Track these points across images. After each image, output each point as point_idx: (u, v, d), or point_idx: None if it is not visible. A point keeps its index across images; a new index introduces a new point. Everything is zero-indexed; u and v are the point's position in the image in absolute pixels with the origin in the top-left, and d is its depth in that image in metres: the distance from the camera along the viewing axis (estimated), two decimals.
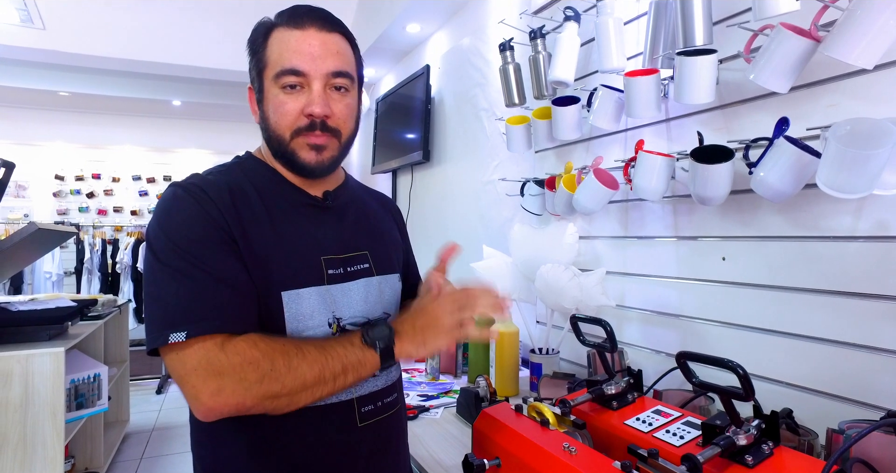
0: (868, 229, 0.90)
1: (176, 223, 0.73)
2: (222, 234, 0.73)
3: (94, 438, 2.70)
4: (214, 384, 0.65)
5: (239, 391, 0.65)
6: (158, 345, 0.67)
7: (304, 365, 0.68)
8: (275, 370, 0.66)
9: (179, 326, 0.66)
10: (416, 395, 1.50)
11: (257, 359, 0.66)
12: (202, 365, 0.66)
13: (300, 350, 0.70)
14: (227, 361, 0.65)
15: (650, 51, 1.21)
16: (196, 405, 0.66)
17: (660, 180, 1.17)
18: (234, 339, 0.68)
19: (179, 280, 0.69)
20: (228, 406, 0.66)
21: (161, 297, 0.70)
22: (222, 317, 0.69)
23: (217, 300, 0.69)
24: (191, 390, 0.66)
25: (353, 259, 0.85)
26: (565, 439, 0.80)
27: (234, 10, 3.30)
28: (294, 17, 0.79)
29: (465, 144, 2.42)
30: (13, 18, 3.08)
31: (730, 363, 0.70)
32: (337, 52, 0.80)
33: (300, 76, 0.77)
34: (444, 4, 2.44)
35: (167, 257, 0.71)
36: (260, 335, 0.70)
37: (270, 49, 0.79)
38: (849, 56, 0.81)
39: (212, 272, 0.70)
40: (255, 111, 0.85)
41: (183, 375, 0.66)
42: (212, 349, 0.66)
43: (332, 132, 0.81)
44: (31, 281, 4.90)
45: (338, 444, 0.80)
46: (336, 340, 0.74)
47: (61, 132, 5.56)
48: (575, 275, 1.39)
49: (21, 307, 2.00)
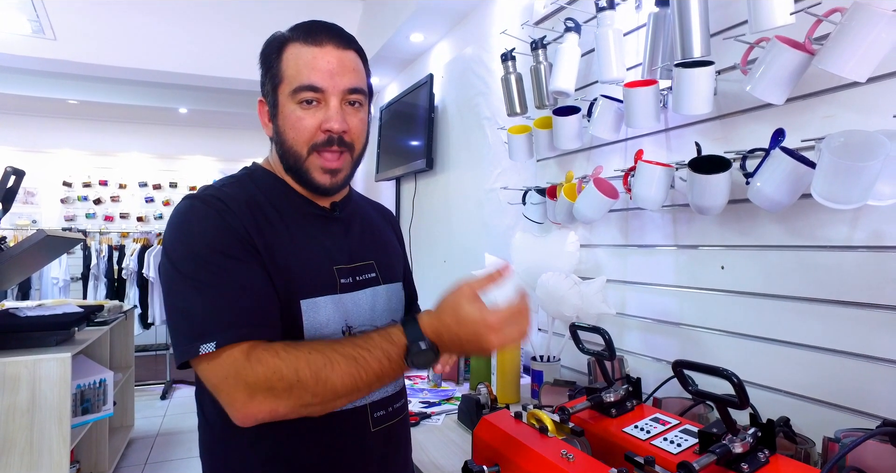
0: (864, 239, 0.91)
1: (195, 234, 0.73)
2: (244, 243, 0.74)
3: (99, 443, 2.72)
4: (246, 394, 0.66)
5: (270, 399, 0.66)
6: (190, 357, 0.68)
7: (333, 377, 0.67)
8: (301, 382, 0.66)
9: (208, 336, 0.67)
10: (417, 402, 1.51)
11: (281, 369, 0.66)
12: (232, 375, 0.66)
13: (330, 361, 0.67)
14: (252, 371, 0.66)
15: (649, 62, 1.23)
16: (232, 412, 0.67)
17: (659, 190, 1.19)
18: (258, 348, 0.68)
19: (203, 291, 0.70)
20: (262, 413, 0.66)
21: (186, 309, 0.70)
22: (249, 325, 0.69)
23: (242, 308, 0.70)
24: (226, 397, 0.67)
25: (362, 269, 0.87)
26: (563, 446, 0.81)
27: (240, 21, 3.35)
28: (311, 33, 0.80)
29: (468, 152, 2.44)
30: (26, 30, 3.13)
31: (724, 371, 0.71)
32: (353, 69, 0.82)
33: (318, 92, 0.79)
34: (447, 15, 2.47)
35: (189, 268, 0.71)
36: (285, 344, 0.69)
37: (286, 64, 0.80)
38: (842, 69, 0.83)
39: (235, 282, 0.71)
40: (266, 125, 0.86)
41: (217, 384, 0.67)
42: (239, 359, 0.66)
43: (348, 147, 0.82)
44: (39, 286, 4.94)
45: (351, 449, 0.81)
46: (372, 350, 0.70)
47: (69, 140, 5.63)
48: (575, 283, 1.40)
49: (29, 313, 2.02)
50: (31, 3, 2.99)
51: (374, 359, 0.69)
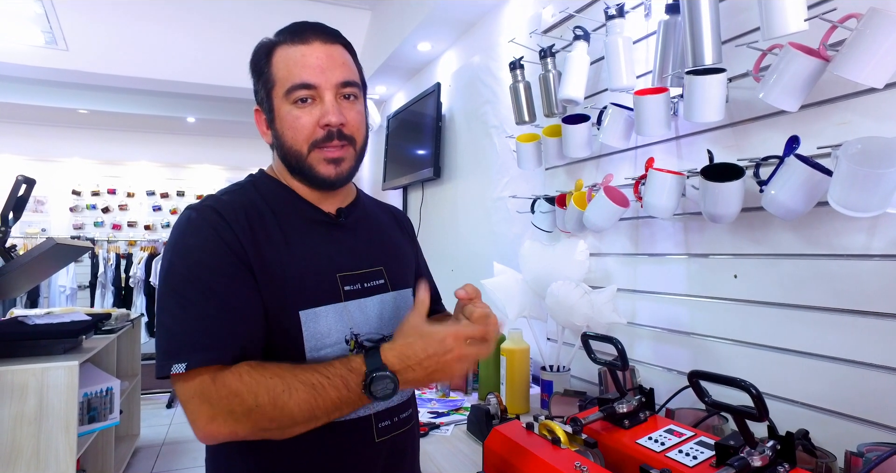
0: (883, 248, 0.89)
1: (189, 249, 0.74)
2: (235, 260, 0.74)
3: (106, 452, 2.71)
4: (208, 413, 0.67)
5: (230, 421, 0.67)
6: (164, 374, 0.69)
7: (291, 404, 0.67)
8: (259, 407, 0.66)
9: (181, 357, 0.68)
10: (426, 412, 1.50)
11: (241, 393, 0.67)
12: (198, 395, 0.68)
13: (289, 388, 0.67)
14: (216, 393, 0.67)
15: (659, 69, 1.23)
16: (195, 429, 0.68)
17: (670, 198, 1.17)
18: (224, 371, 0.69)
19: (187, 310, 0.71)
20: (222, 434, 0.68)
21: (168, 325, 0.71)
22: (219, 349, 0.70)
23: (217, 331, 0.70)
24: (190, 415, 0.68)
25: (370, 275, 0.86)
26: (577, 458, 0.79)
27: (247, 31, 3.37)
28: (296, 33, 0.81)
29: (476, 160, 2.43)
30: (39, 41, 3.18)
31: (742, 382, 0.69)
32: (343, 62, 0.82)
33: (311, 89, 0.79)
34: (454, 24, 2.48)
35: (178, 283, 0.72)
36: (249, 368, 0.69)
37: (276, 67, 0.80)
38: (859, 75, 0.82)
39: (219, 302, 0.71)
40: (264, 133, 0.85)
41: (184, 401, 0.69)
42: (206, 380, 0.68)
43: (348, 140, 0.82)
44: (48, 295, 4.97)
45: (355, 460, 0.80)
46: (331, 378, 0.69)
47: (79, 149, 5.68)
48: (585, 292, 1.38)
49: (38, 321, 2.03)
50: (44, 15, 3.03)
51: (333, 387, 0.68)
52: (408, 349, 0.70)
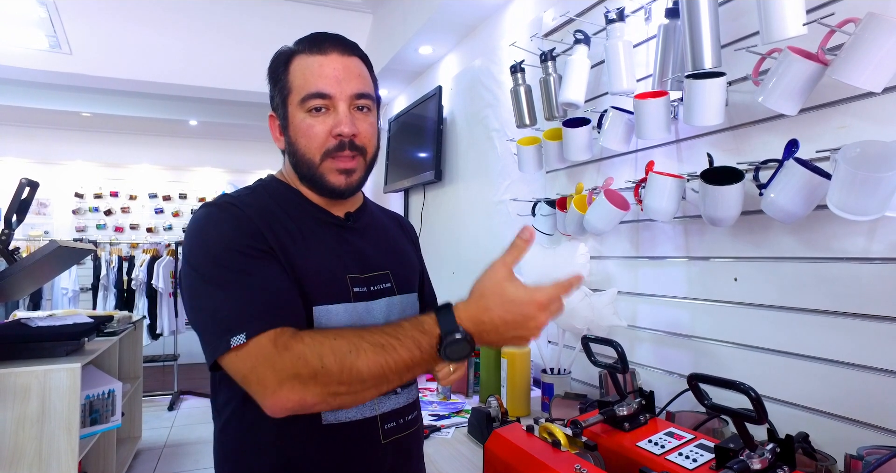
0: (882, 251, 0.90)
1: (213, 239, 0.74)
2: (262, 245, 0.75)
3: (107, 454, 2.71)
4: (275, 381, 0.65)
5: (297, 386, 0.64)
6: (223, 351, 0.67)
7: (359, 364, 0.65)
8: (325, 368, 0.64)
9: (237, 329, 0.67)
10: (427, 415, 1.50)
11: (305, 355, 0.65)
12: (260, 363, 0.65)
13: (356, 348, 0.65)
14: (279, 358, 0.65)
15: (659, 73, 1.23)
16: (262, 401, 0.66)
17: (670, 201, 1.18)
18: (285, 335, 0.67)
19: (227, 289, 0.71)
20: (291, 401, 0.65)
21: (212, 308, 0.70)
22: (275, 315, 0.69)
23: (266, 301, 0.70)
24: (255, 387, 0.66)
25: (376, 279, 0.86)
26: (577, 460, 0.80)
27: (249, 35, 3.39)
28: (315, 43, 0.82)
29: (477, 164, 2.44)
30: (43, 45, 3.20)
31: (742, 385, 0.70)
32: (359, 74, 0.83)
33: (326, 99, 0.80)
34: (456, 27, 2.49)
35: (209, 271, 0.72)
36: (312, 331, 0.69)
37: (294, 75, 0.82)
38: (857, 80, 0.82)
39: (256, 278, 0.72)
40: (277, 138, 0.87)
41: (246, 374, 0.66)
42: (266, 346, 0.66)
43: (360, 151, 0.83)
44: (50, 297, 4.98)
45: (361, 461, 0.80)
46: (402, 338, 0.67)
47: (82, 152, 5.71)
48: (586, 295, 1.39)
49: (40, 323, 2.03)
50: (48, 19, 3.05)
51: (404, 348, 0.66)
52: (484, 314, 0.66)
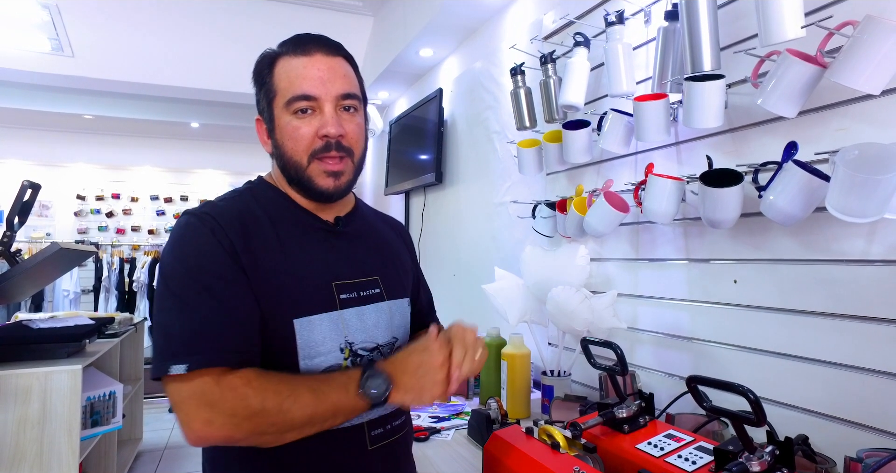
0: (881, 253, 0.90)
1: (187, 253, 0.74)
2: (233, 264, 0.74)
3: (108, 455, 2.72)
4: (206, 415, 0.67)
5: (228, 424, 0.67)
6: (161, 374, 0.69)
7: (295, 408, 0.69)
8: (265, 410, 0.67)
9: (181, 357, 0.68)
10: (427, 416, 1.50)
11: (249, 397, 0.68)
12: (196, 396, 0.67)
13: (293, 392, 0.70)
14: (220, 395, 0.67)
15: (659, 76, 1.23)
16: (187, 431, 0.68)
17: (670, 203, 1.18)
18: (230, 374, 0.69)
19: (186, 311, 0.71)
20: (217, 437, 0.68)
21: (167, 326, 0.71)
22: (222, 351, 0.70)
23: (220, 333, 0.71)
24: (184, 417, 0.68)
25: (365, 284, 0.86)
26: (576, 462, 0.80)
27: (250, 37, 3.40)
28: (299, 44, 0.82)
29: (478, 166, 2.44)
30: (45, 48, 3.21)
31: (740, 387, 0.70)
32: (344, 74, 0.83)
33: (311, 101, 0.80)
34: (456, 30, 2.50)
35: (177, 285, 0.73)
36: (256, 372, 0.71)
37: (278, 78, 0.81)
38: (856, 82, 0.82)
39: (218, 304, 0.72)
40: (265, 142, 0.86)
41: (178, 402, 0.68)
42: (208, 382, 0.68)
43: (347, 152, 0.83)
44: (52, 299, 4.99)
45: (348, 468, 0.80)
46: (331, 383, 0.73)
47: (84, 154, 5.73)
48: (586, 297, 1.39)
49: (41, 325, 2.04)
50: (51, 22, 3.07)
51: (333, 391, 0.72)
52: (400, 361, 0.77)
